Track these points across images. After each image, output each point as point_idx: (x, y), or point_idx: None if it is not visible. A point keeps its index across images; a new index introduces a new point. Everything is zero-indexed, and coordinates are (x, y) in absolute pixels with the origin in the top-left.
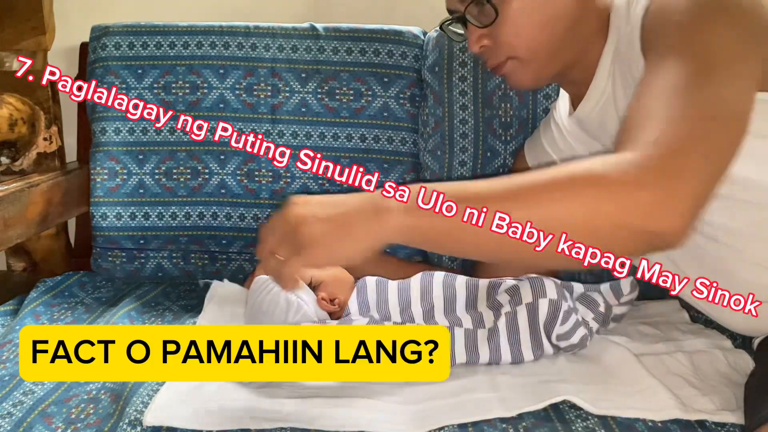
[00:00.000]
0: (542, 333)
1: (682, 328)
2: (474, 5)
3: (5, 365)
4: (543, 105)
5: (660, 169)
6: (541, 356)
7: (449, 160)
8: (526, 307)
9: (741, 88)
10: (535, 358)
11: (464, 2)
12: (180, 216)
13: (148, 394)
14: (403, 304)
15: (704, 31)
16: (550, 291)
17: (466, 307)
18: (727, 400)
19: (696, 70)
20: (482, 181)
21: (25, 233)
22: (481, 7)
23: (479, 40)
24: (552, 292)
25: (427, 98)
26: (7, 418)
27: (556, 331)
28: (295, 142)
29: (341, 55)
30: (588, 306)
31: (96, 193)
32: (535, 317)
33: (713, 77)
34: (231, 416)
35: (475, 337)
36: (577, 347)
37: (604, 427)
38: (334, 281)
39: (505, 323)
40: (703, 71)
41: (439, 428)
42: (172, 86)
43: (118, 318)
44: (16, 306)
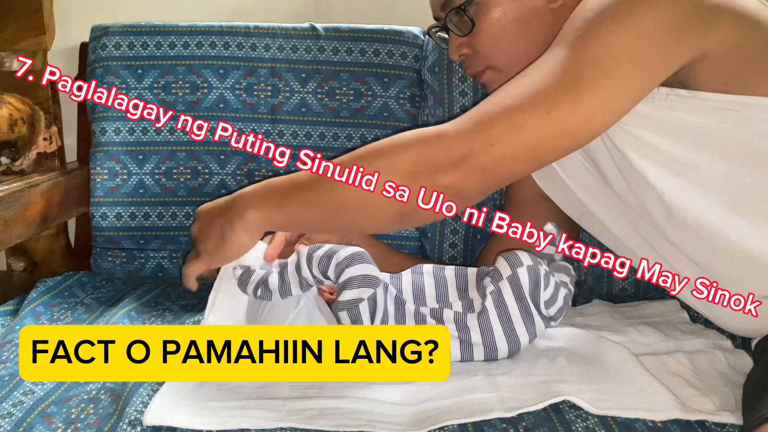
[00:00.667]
0: (530, 303)
1: (682, 328)
2: (454, 14)
3: (5, 365)
4: None
5: (458, 134)
6: (534, 334)
7: None
8: (508, 280)
9: (611, 84)
10: (530, 337)
11: (444, 10)
12: (180, 216)
13: (148, 394)
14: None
15: (602, 26)
16: (525, 259)
17: (457, 293)
18: (727, 400)
19: (569, 56)
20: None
21: (25, 233)
22: (460, 17)
23: (459, 48)
24: (527, 260)
25: (427, 99)
26: (7, 418)
27: (542, 298)
28: (295, 142)
29: (341, 55)
30: (561, 270)
31: (96, 193)
32: (519, 288)
33: (579, 64)
34: (231, 416)
35: (465, 320)
36: (564, 310)
37: (604, 427)
38: None
39: (492, 302)
40: (575, 57)
41: (439, 428)
42: (172, 86)
43: (118, 318)
44: (16, 306)
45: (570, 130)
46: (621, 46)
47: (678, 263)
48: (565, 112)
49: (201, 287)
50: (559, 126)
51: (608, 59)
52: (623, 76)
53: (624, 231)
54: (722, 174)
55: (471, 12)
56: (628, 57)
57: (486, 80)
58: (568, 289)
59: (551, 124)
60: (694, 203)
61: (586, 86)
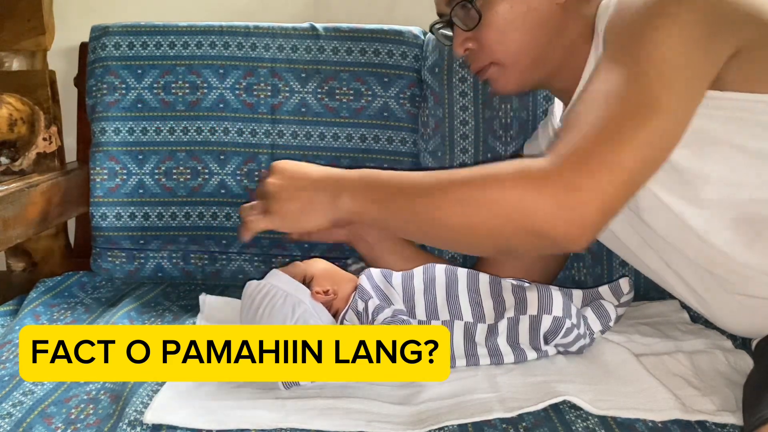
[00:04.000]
0: (542, 342)
1: (682, 328)
2: (459, 8)
3: (5, 365)
4: (543, 106)
5: (562, 180)
6: (543, 356)
7: (450, 160)
8: (530, 319)
9: (679, 97)
10: (538, 357)
11: (450, 5)
12: (180, 216)
13: (148, 395)
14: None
15: (648, 37)
16: (556, 307)
17: (468, 295)
18: (728, 400)
19: (631, 76)
20: (413, 175)
21: (25, 233)
22: (466, 11)
23: (464, 43)
24: (558, 309)
25: (427, 99)
26: (7, 418)
27: (556, 341)
28: (295, 142)
29: (341, 55)
30: (599, 316)
31: (96, 193)
32: (536, 329)
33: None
34: (231, 416)
35: (474, 332)
36: (576, 351)
37: (604, 427)
38: (324, 275)
39: (506, 326)
40: (639, 78)
41: (439, 428)
42: (172, 86)
43: (118, 318)
44: (16, 306)
45: (660, 154)
46: (675, 57)
47: (678, 264)
48: (652, 136)
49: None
50: (651, 154)
51: (669, 73)
52: (686, 86)
53: (625, 232)
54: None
55: (478, 5)
56: (683, 66)
57: (490, 76)
58: (587, 339)
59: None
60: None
61: (660, 106)
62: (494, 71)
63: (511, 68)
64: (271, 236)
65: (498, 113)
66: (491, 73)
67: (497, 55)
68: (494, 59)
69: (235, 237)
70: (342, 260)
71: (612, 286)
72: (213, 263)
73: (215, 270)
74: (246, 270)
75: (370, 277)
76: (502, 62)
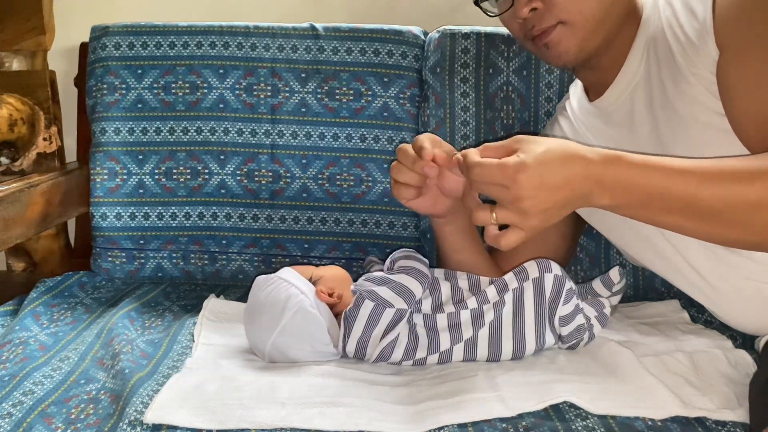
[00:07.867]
0: (546, 312)
1: (682, 328)
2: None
3: (5, 365)
4: (545, 108)
5: None
6: (543, 346)
7: None
8: (533, 282)
9: None
10: (537, 346)
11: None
12: (180, 216)
13: (148, 395)
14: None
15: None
16: (555, 268)
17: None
18: (728, 399)
19: None
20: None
21: (25, 233)
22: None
23: (530, 2)
24: (557, 269)
25: (428, 99)
26: (7, 418)
27: (558, 312)
28: (295, 142)
29: (341, 55)
30: (593, 305)
31: (96, 193)
32: (541, 293)
33: None
34: (231, 416)
35: (481, 312)
36: (575, 337)
37: (604, 426)
38: (332, 277)
39: (511, 297)
40: None
41: (439, 428)
42: (172, 86)
43: (118, 318)
44: (16, 306)
45: None
46: None
47: (688, 251)
48: None
49: (200, 288)
50: None
51: None
52: None
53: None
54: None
55: None
56: None
57: (554, 38)
58: (585, 320)
59: None
60: None
61: None
62: (560, 31)
63: (579, 28)
64: (271, 236)
65: (500, 114)
66: (556, 34)
67: (568, 14)
68: (564, 18)
69: (235, 237)
70: (342, 260)
71: (603, 278)
72: (213, 263)
73: (215, 270)
74: (246, 270)
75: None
76: (571, 21)
